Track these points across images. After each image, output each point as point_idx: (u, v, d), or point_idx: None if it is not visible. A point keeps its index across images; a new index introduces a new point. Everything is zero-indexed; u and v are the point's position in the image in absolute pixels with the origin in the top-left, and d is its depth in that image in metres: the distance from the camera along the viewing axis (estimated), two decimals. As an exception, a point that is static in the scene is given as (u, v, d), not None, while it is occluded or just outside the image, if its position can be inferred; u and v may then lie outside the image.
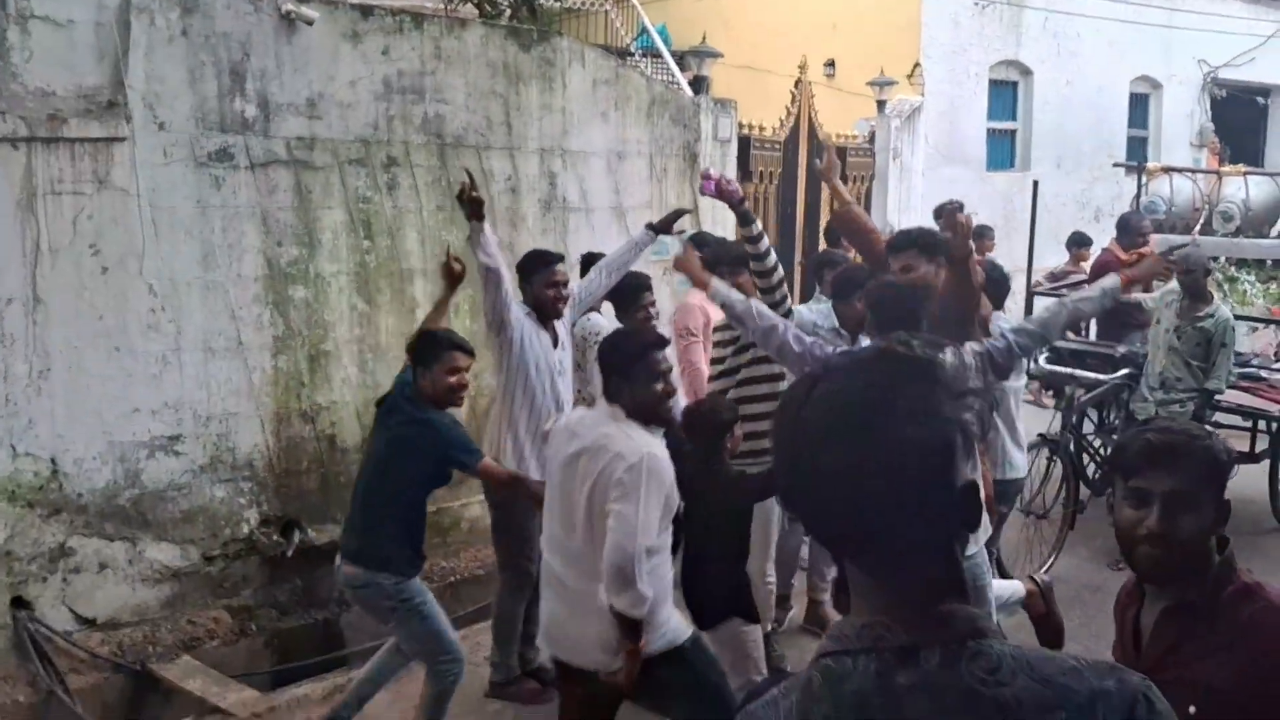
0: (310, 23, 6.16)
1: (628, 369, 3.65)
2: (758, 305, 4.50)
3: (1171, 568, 2.21)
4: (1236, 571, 2.23)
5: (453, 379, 4.37)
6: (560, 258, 5.34)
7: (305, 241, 6.28)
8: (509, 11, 8.31)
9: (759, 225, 4.92)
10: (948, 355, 1.35)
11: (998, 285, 5.31)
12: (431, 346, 4.42)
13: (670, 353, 3.95)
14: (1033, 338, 4.12)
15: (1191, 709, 2.09)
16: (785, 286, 4.96)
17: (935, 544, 1.34)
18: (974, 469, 1.37)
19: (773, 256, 4.93)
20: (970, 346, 4.01)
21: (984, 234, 9.55)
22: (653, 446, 3.56)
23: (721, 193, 4.91)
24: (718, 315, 6.18)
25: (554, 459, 3.80)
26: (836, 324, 5.13)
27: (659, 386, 3.67)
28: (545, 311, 5.14)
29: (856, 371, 1.36)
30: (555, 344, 5.16)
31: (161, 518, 5.72)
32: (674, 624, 3.72)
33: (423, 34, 6.72)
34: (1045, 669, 1.30)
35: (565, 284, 5.21)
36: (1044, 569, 6.29)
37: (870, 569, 1.35)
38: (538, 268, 5.19)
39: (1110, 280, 4.13)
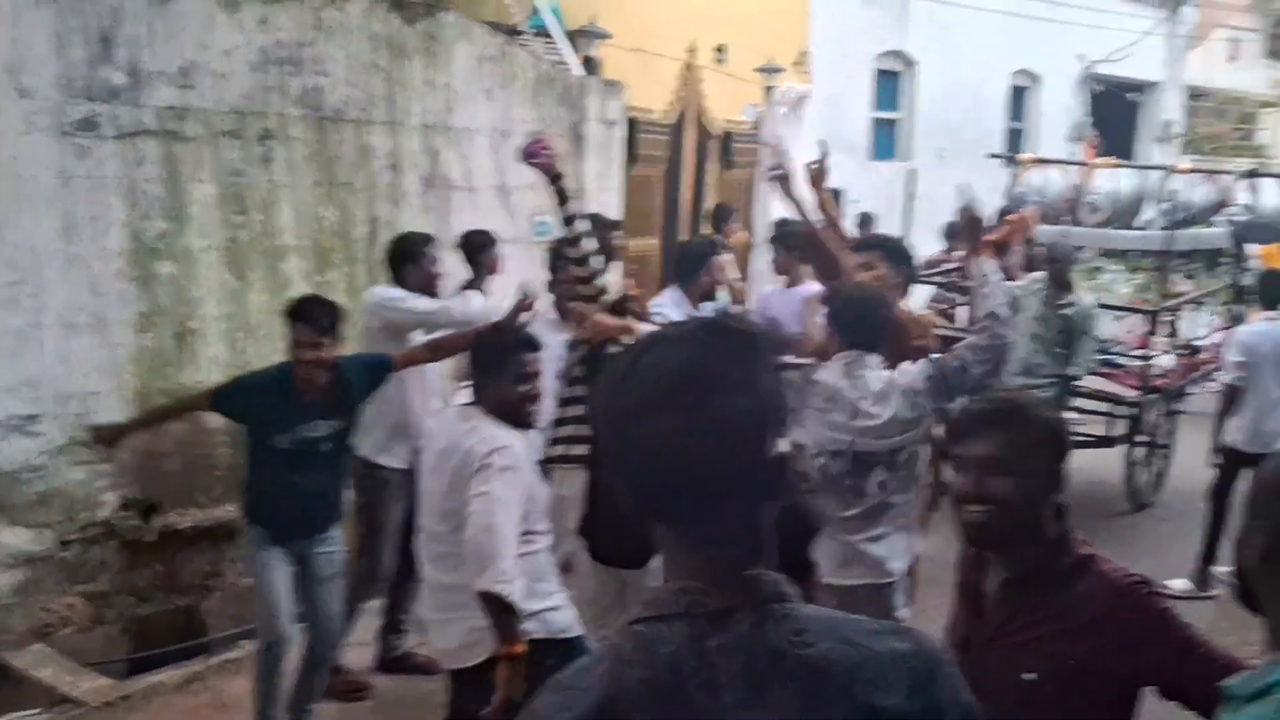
0: (184, -11, 5.97)
1: (494, 367, 3.63)
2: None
3: (994, 533, 2.27)
4: (1073, 543, 2.31)
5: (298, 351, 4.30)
6: (431, 238, 5.35)
7: (174, 215, 6.08)
8: (394, -16, 8.14)
9: (574, 206, 4.39)
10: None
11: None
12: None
13: (545, 355, 3.84)
14: (989, 352, 3.91)
15: (1026, 676, 2.17)
16: (604, 278, 4.43)
17: (747, 512, 1.37)
18: (786, 442, 1.40)
19: (592, 242, 4.40)
20: (922, 368, 3.97)
21: (868, 220, 9.76)
22: (509, 440, 3.53)
23: (537, 161, 4.32)
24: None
25: (425, 459, 3.79)
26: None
27: (524, 388, 3.63)
28: (428, 294, 5.15)
29: (680, 342, 1.39)
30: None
31: (15, 500, 5.49)
32: (563, 616, 3.64)
33: (303, 4, 6.55)
34: (847, 630, 1.35)
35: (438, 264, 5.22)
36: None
37: (684, 534, 1.38)
38: (419, 250, 5.18)
39: (988, 266, 4.18)
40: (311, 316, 4.31)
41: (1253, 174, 8.65)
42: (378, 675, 5.25)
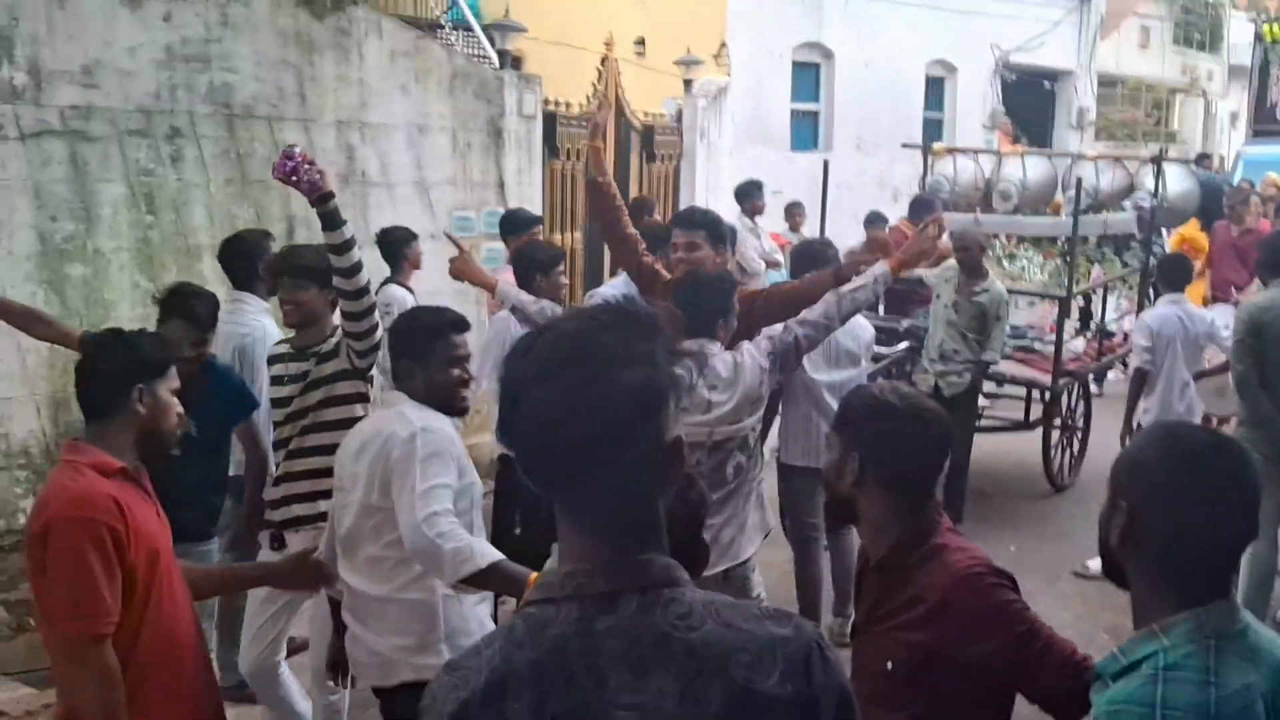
0: (84, -14, 5.87)
1: (420, 351, 3.37)
2: (552, 308, 4.48)
3: (830, 515, 2.42)
4: (932, 532, 2.34)
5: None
6: (269, 234, 5.35)
7: (82, 216, 5.98)
8: (307, -20, 8.06)
9: (348, 231, 3.90)
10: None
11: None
12: None
13: (471, 337, 3.59)
14: (818, 329, 4.20)
15: (889, 664, 2.23)
16: (375, 315, 4.06)
17: (637, 492, 1.41)
18: (681, 426, 1.44)
19: (363, 276, 3.95)
20: (762, 345, 4.15)
21: (796, 209, 9.88)
22: (429, 421, 3.26)
23: (299, 180, 3.78)
24: None
25: (345, 444, 3.48)
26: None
27: (455, 372, 3.39)
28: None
29: (580, 319, 1.44)
30: None
31: (-75, 509, 5.40)
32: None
33: (207, 0, 6.47)
34: (730, 615, 1.39)
35: None
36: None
37: (575, 511, 1.41)
38: (262, 247, 5.14)
39: (880, 267, 4.30)
40: (194, 313, 4.28)
41: (1158, 159, 8.86)
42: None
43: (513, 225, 6.68)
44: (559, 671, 1.34)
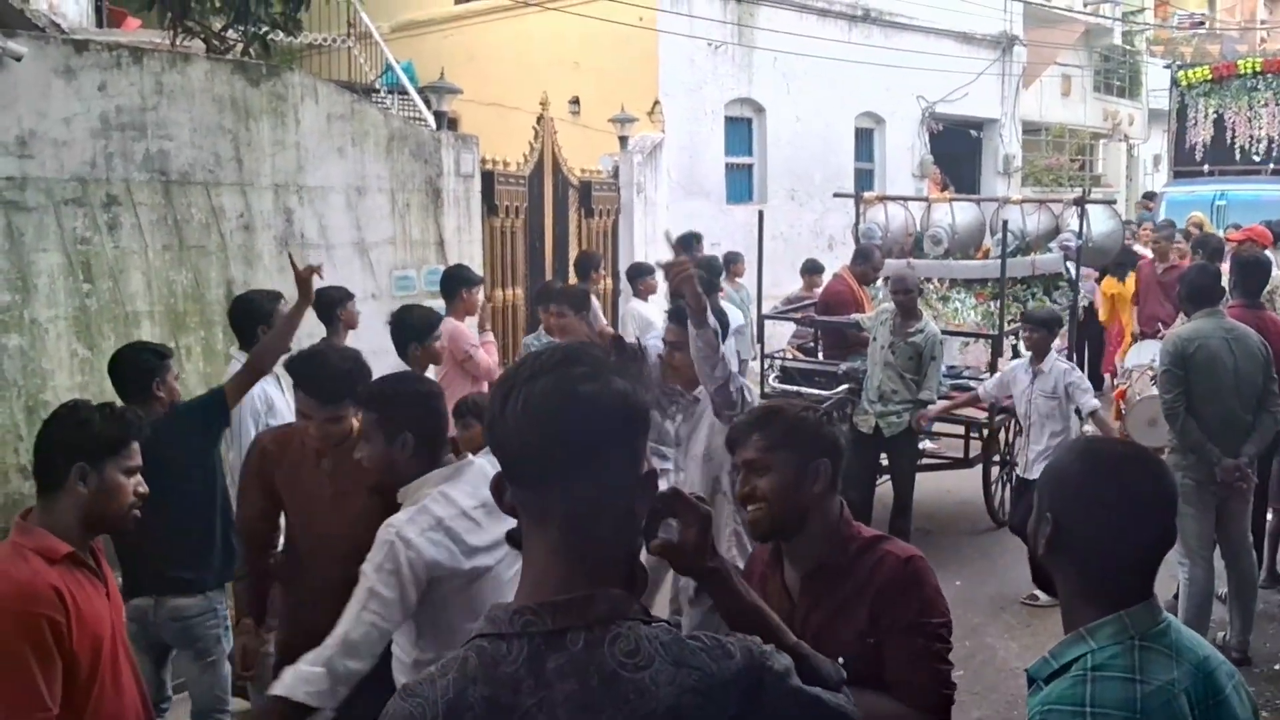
0: (19, 59, 5.88)
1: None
2: None
3: (768, 528, 2.46)
4: (854, 528, 2.49)
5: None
6: (280, 295, 5.26)
7: (19, 286, 5.96)
8: (240, 47, 8.12)
9: None
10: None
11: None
12: None
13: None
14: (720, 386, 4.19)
15: (840, 659, 2.29)
16: None
17: (608, 515, 1.45)
18: (652, 466, 1.51)
19: None
20: None
21: (735, 259, 10.00)
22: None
23: None
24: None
25: None
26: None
27: None
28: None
29: (575, 343, 1.57)
30: None
31: None
32: None
33: (142, 69, 6.51)
34: (678, 651, 1.42)
35: None
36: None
37: (542, 528, 1.45)
38: (270, 309, 5.12)
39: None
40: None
41: (1081, 201, 9.13)
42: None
43: (454, 283, 6.71)
44: (512, 710, 1.37)
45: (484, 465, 3.02)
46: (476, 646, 1.43)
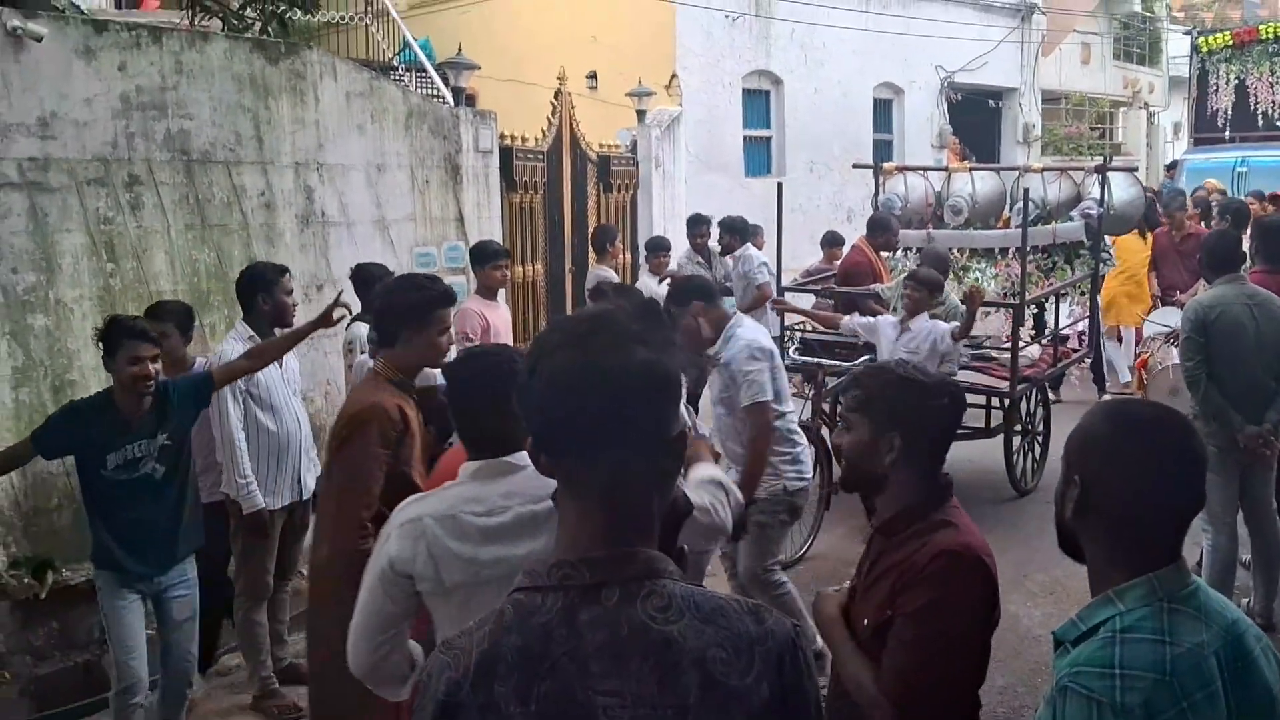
0: (39, 39, 5.90)
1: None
2: None
3: (848, 482, 2.52)
4: (931, 508, 2.42)
5: (134, 368, 4.28)
6: (285, 269, 5.38)
7: (43, 267, 6.00)
8: (259, 25, 8.14)
9: None
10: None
11: None
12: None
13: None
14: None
15: (865, 621, 2.32)
16: None
17: (638, 478, 1.48)
18: (685, 424, 1.53)
19: None
20: None
21: (756, 232, 9.93)
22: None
23: None
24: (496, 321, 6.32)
25: None
26: None
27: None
28: (283, 322, 5.19)
29: (603, 306, 1.60)
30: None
31: (-106, 566, 5.35)
32: None
33: (162, 48, 6.52)
34: (709, 610, 1.45)
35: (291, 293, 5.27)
36: (803, 548, 6.65)
37: (577, 491, 1.48)
38: (273, 280, 5.18)
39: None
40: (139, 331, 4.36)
41: (1103, 169, 9.07)
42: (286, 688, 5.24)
43: (481, 256, 6.75)
44: (543, 658, 1.41)
45: None
46: (514, 599, 1.47)
